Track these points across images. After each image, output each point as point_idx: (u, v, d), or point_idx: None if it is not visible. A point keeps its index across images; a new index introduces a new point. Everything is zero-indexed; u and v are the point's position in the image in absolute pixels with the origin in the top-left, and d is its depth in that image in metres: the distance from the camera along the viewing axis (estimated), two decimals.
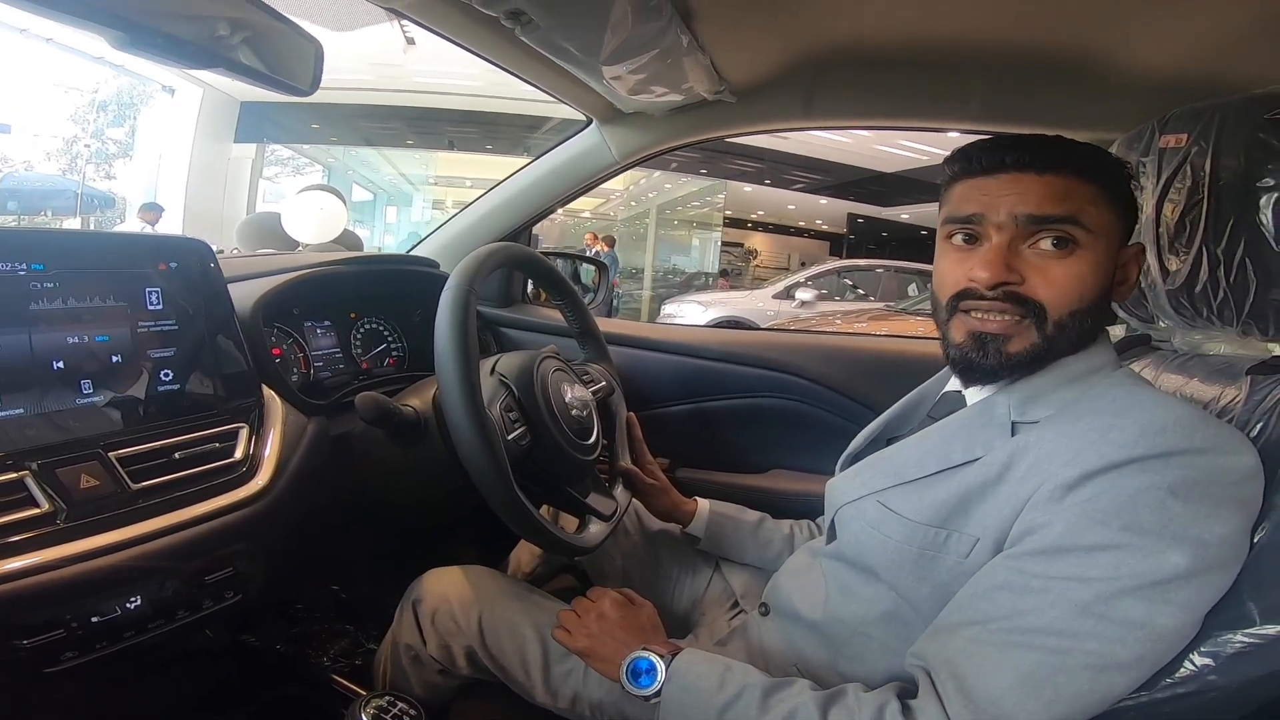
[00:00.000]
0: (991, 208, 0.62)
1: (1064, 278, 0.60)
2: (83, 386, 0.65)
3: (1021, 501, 0.57)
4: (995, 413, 0.64)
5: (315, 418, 0.88)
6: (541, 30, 0.86)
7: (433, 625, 0.86)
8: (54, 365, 0.64)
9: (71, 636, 0.60)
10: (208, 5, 0.61)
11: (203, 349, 0.76)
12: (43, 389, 0.62)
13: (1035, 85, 1.06)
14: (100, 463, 0.64)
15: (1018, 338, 0.62)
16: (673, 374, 1.38)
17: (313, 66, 0.72)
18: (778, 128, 1.28)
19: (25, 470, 0.59)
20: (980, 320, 0.63)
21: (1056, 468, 0.55)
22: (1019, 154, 0.62)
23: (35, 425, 0.61)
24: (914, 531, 0.63)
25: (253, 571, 0.76)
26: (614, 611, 0.77)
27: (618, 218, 13.58)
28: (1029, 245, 0.61)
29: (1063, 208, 0.60)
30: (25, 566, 0.56)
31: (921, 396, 0.83)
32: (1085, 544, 0.52)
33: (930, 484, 0.65)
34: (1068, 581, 0.52)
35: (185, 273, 0.76)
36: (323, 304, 1.10)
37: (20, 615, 0.57)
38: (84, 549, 0.59)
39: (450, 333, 0.73)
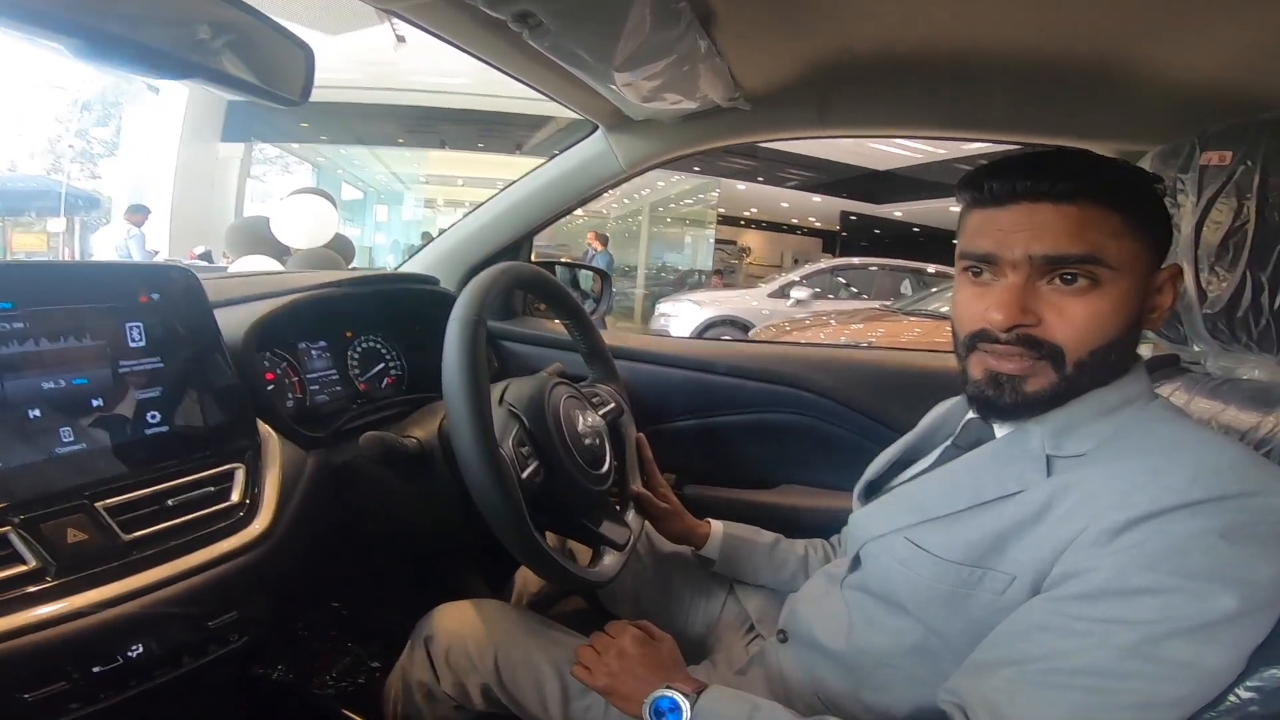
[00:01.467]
0: (1005, 246, 0.59)
1: (1083, 317, 0.57)
2: (62, 434, 0.61)
3: (1064, 543, 0.55)
4: (1028, 445, 0.61)
5: (315, 451, 0.84)
6: (552, 35, 0.81)
7: (446, 663, 0.84)
8: (29, 414, 0.59)
9: (75, 688, 0.58)
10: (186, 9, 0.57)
11: (192, 386, 0.72)
12: (19, 439, 0.58)
13: (1061, 94, 1.02)
14: (87, 514, 0.60)
15: (1035, 378, 0.59)
16: (680, 389, 1.36)
17: (303, 74, 0.68)
18: (790, 135, 1.25)
19: (7, 526, 0.56)
20: (998, 360, 0.61)
21: (1104, 509, 0.53)
22: (1033, 181, 0.58)
23: (14, 479, 0.57)
24: (946, 570, 0.61)
25: (258, 613, 0.73)
26: (634, 648, 0.74)
27: (610, 215, 13.54)
28: (1046, 282, 0.58)
29: (1081, 246, 0.56)
30: (18, 626, 0.54)
31: (943, 419, 0.81)
32: (1132, 588, 0.51)
33: (961, 520, 0.62)
34: (1112, 624, 0.51)
35: (169, 304, 0.72)
36: (317, 323, 1.06)
37: (18, 672, 0.55)
38: (78, 606, 0.57)
39: (460, 371, 0.69)
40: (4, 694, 0.55)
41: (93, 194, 10.26)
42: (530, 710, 0.79)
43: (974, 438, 0.69)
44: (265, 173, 12.06)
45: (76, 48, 0.50)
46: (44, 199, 9.23)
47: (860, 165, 10.95)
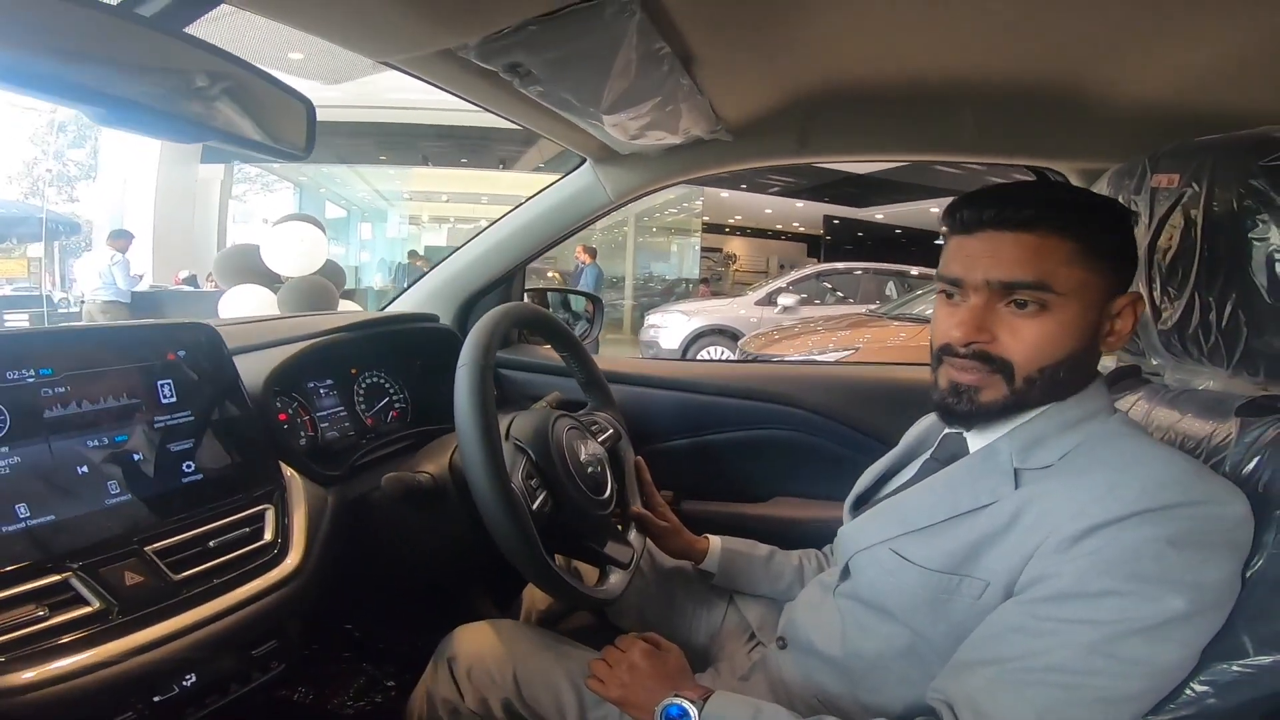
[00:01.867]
0: (969, 270, 0.65)
1: (1032, 337, 0.63)
2: (110, 487, 0.65)
3: (1030, 550, 0.60)
4: (998, 460, 0.67)
5: (333, 488, 0.88)
6: (541, 83, 0.86)
7: (469, 681, 0.87)
8: (78, 470, 0.64)
9: (140, 717, 0.62)
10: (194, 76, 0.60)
11: (220, 435, 0.77)
12: (70, 494, 0.63)
13: (1027, 117, 1.08)
14: (139, 558, 0.64)
15: (988, 389, 0.66)
16: (673, 410, 1.40)
17: (305, 127, 0.72)
18: (772, 162, 1.30)
19: (68, 571, 0.60)
20: (958, 372, 0.67)
21: (1063, 520, 0.59)
22: (996, 210, 0.64)
23: (70, 529, 0.62)
24: (928, 578, 0.67)
25: (293, 641, 0.77)
26: (643, 661, 0.78)
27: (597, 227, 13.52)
28: (1004, 304, 0.64)
29: (1032, 272, 0.62)
30: (91, 662, 0.58)
31: (925, 434, 0.86)
32: (1092, 591, 0.56)
33: (940, 531, 0.68)
34: (1077, 624, 0.56)
35: (194, 360, 0.77)
36: (324, 364, 1.10)
37: (92, 705, 0.59)
38: (141, 642, 0.61)
39: (472, 414, 0.74)
40: None
41: (72, 218, 10.14)
42: None
43: (950, 452, 0.75)
44: (246, 192, 11.99)
45: (99, 115, 0.54)
46: (24, 225, 9.10)
47: (840, 170, 11.06)
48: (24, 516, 0.59)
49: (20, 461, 0.60)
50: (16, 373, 0.62)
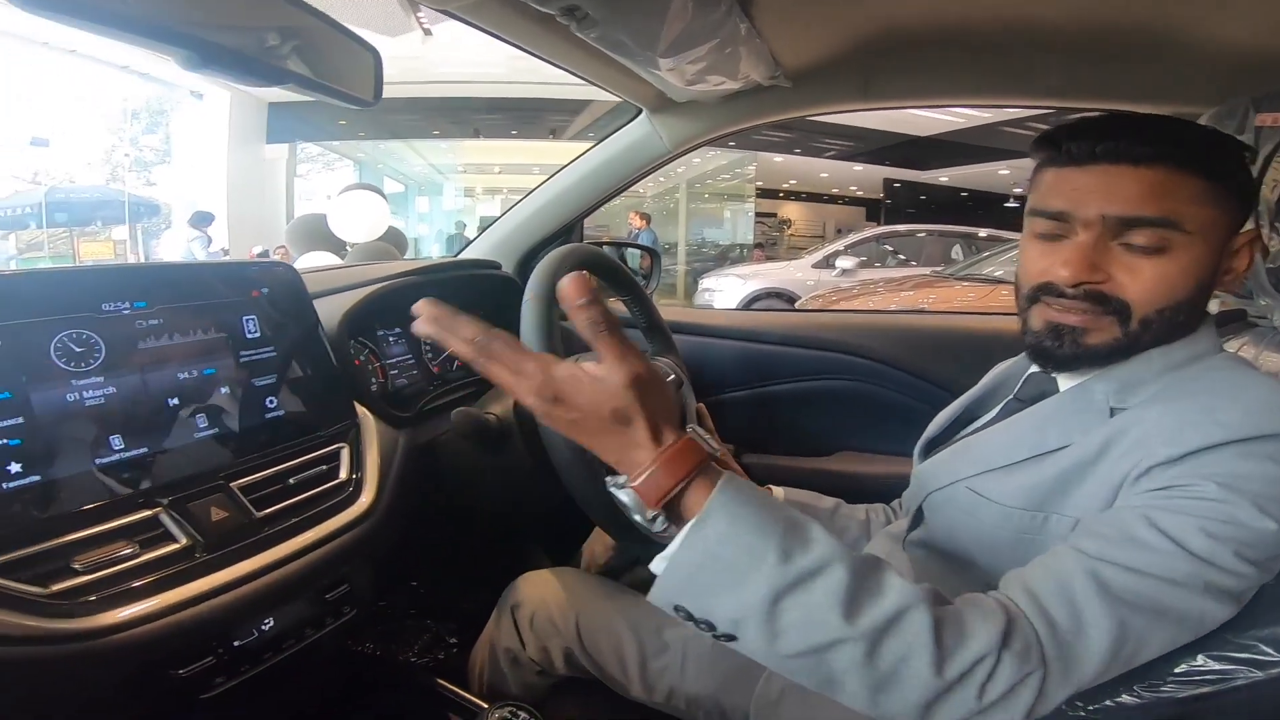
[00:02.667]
0: (1079, 205, 0.59)
1: (1154, 278, 0.57)
2: (198, 421, 0.67)
3: (1119, 479, 0.56)
4: (1093, 399, 0.62)
5: (404, 430, 0.90)
6: (598, 25, 0.83)
7: (531, 628, 0.89)
8: (169, 403, 0.66)
9: (220, 663, 0.63)
10: (270, 22, 0.61)
11: (299, 372, 0.78)
12: (162, 427, 0.64)
13: (1112, 57, 0.99)
14: (225, 494, 0.65)
15: (1097, 331, 0.60)
16: (734, 360, 1.38)
17: (373, 76, 0.72)
18: (833, 110, 1.24)
19: (159, 507, 0.61)
20: (1060, 312, 0.61)
21: (1157, 446, 0.54)
22: (1112, 143, 0.58)
23: (161, 462, 0.63)
24: (1009, 516, 0.62)
25: (364, 586, 0.79)
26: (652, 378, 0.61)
27: (648, 194, 13.46)
28: (1118, 242, 0.58)
29: (1158, 209, 0.56)
30: (178, 600, 0.58)
31: (1005, 376, 0.81)
32: (1181, 498, 0.51)
33: (1023, 469, 0.63)
34: (1169, 515, 0.50)
35: (275, 298, 0.78)
36: (393, 311, 1.11)
37: (176, 647, 0.59)
38: (225, 580, 0.61)
39: (539, 345, 0.74)
40: (162, 670, 0.60)
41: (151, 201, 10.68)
42: (610, 671, 0.84)
43: (1037, 391, 0.70)
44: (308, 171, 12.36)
45: (186, 59, 0.54)
46: (107, 208, 9.63)
47: (901, 133, 10.61)
48: (119, 448, 0.61)
49: (115, 392, 0.62)
50: (113, 304, 0.63)
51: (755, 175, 13.06)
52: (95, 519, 0.58)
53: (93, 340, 0.61)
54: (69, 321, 0.60)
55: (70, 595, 0.54)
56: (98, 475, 0.59)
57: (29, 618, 0.51)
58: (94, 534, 0.57)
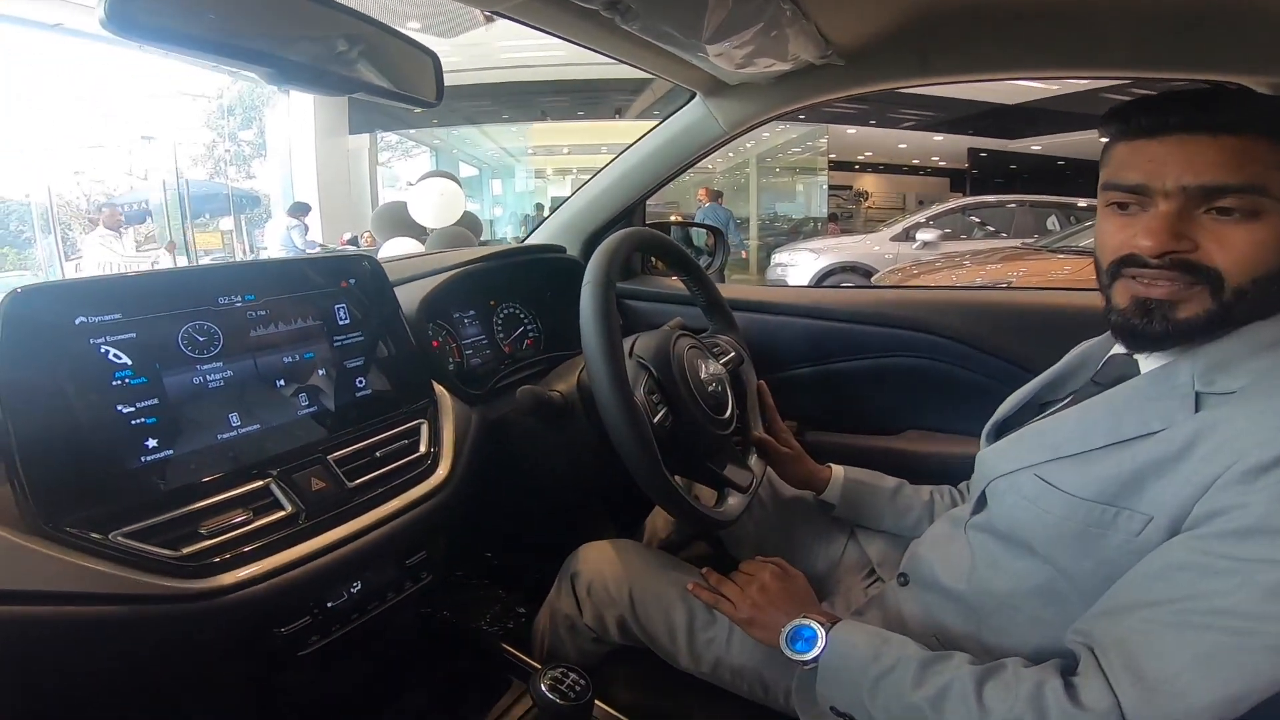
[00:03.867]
0: (1156, 176, 0.57)
1: (1245, 245, 0.55)
2: (300, 400, 0.75)
3: (1207, 481, 0.53)
4: (1177, 381, 0.59)
5: (477, 407, 0.96)
6: (641, 17, 0.85)
7: (589, 596, 0.93)
8: (277, 384, 0.73)
9: (315, 622, 0.69)
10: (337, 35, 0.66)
11: (384, 354, 0.85)
12: (271, 405, 0.72)
13: (1194, 24, 0.90)
14: (323, 466, 0.72)
15: (1188, 303, 0.58)
16: (798, 337, 1.37)
17: (434, 77, 0.78)
18: (892, 86, 1.20)
19: (269, 478, 0.68)
20: (1146, 286, 0.59)
21: (1249, 447, 0.51)
22: (1187, 113, 0.56)
23: (270, 437, 0.71)
24: (1077, 508, 0.61)
25: (440, 553, 0.85)
26: (774, 582, 0.80)
27: (716, 170, 13.26)
28: (1203, 212, 0.56)
29: (1242, 175, 0.54)
30: (284, 563, 0.64)
31: (1084, 358, 0.78)
32: (1279, 526, 0.49)
33: (1096, 458, 0.61)
34: (1258, 563, 0.49)
35: (363, 287, 0.85)
36: (467, 295, 1.19)
37: (280, 606, 0.65)
38: (323, 544, 0.67)
39: (596, 330, 0.77)
40: (267, 627, 0.65)
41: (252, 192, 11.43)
42: (660, 641, 0.87)
43: (1117, 374, 0.67)
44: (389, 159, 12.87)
45: (268, 75, 0.61)
46: (213, 201, 10.36)
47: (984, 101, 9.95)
48: (236, 425, 0.69)
49: (232, 375, 0.69)
50: (227, 298, 0.71)
51: (827, 148, 12.60)
52: (217, 488, 0.64)
53: (212, 330, 0.69)
54: (192, 314, 0.68)
55: (198, 558, 0.60)
56: (219, 450, 0.67)
57: (165, 578, 0.57)
58: (216, 502, 0.63)
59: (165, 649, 0.61)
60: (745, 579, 0.82)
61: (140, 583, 0.56)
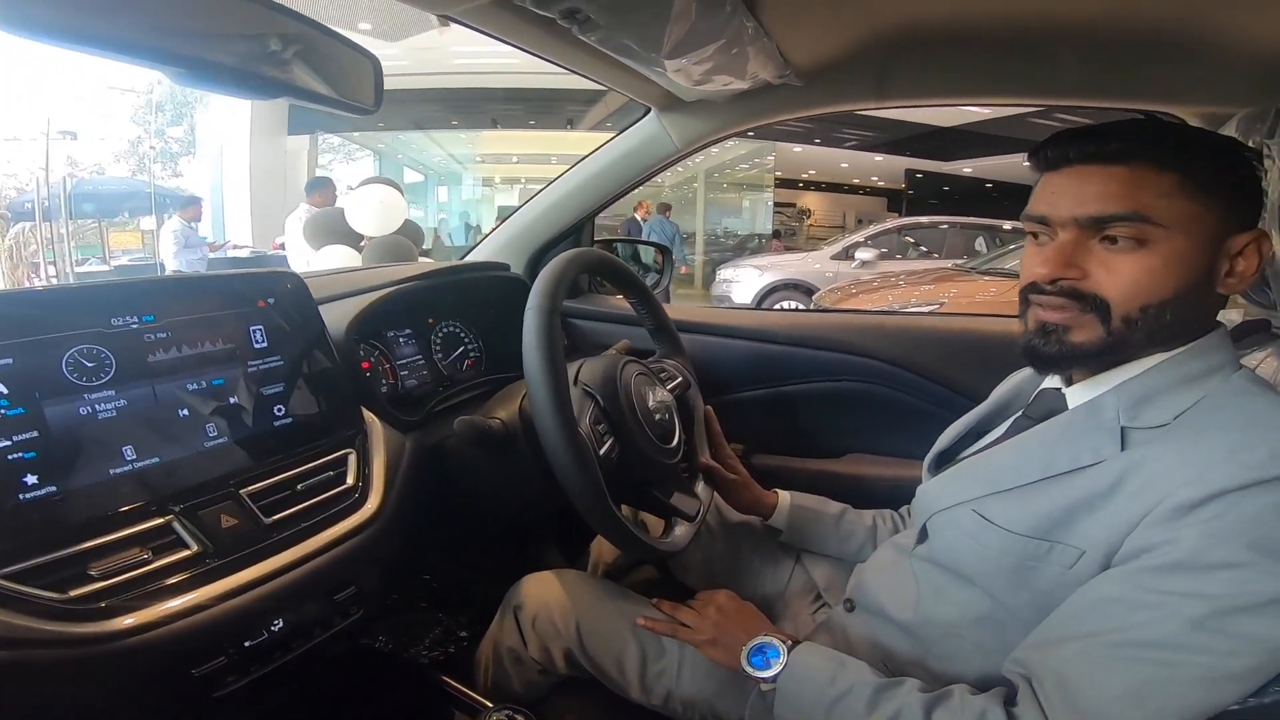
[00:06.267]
0: (1054, 207, 0.61)
1: (1131, 273, 0.58)
2: (208, 430, 0.69)
3: (1136, 517, 0.55)
4: (1103, 416, 0.61)
5: (411, 434, 0.91)
6: (600, 28, 0.83)
7: (533, 629, 0.90)
8: (179, 413, 0.67)
9: (231, 662, 0.65)
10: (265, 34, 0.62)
11: (307, 379, 0.79)
12: (173, 436, 0.66)
13: (1137, 56, 0.96)
14: (235, 501, 0.67)
15: (1080, 329, 0.61)
16: (744, 360, 1.37)
17: (373, 82, 0.74)
18: (847, 108, 1.22)
19: (171, 514, 0.63)
20: (1045, 310, 0.63)
21: (1177, 486, 0.53)
22: (1084, 145, 0.59)
23: (172, 471, 0.65)
24: (1013, 543, 0.62)
25: (372, 587, 0.80)
26: (731, 604, 0.80)
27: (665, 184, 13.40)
28: (1097, 240, 0.59)
29: (1126, 205, 0.57)
30: (189, 605, 0.60)
31: (1016, 390, 0.81)
32: (1206, 562, 0.51)
33: (1030, 493, 0.63)
34: (1185, 597, 0.51)
35: (282, 307, 0.79)
36: (403, 313, 1.13)
37: (188, 648, 0.61)
38: (235, 585, 0.63)
39: (539, 356, 0.73)
40: (176, 670, 0.62)
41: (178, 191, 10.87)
42: (609, 673, 0.85)
43: (1047, 408, 0.69)
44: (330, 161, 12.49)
45: (178, 75, 0.56)
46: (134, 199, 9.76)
47: (923, 123, 10.44)
48: (131, 458, 0.63)
49: (126, 405, 0.63)
50: (122, 319, 0.65)
51: (774, 165, 12.98)
52: (109, 527, 0.59)
53: (103, 355, 0.63)
54: (79, 337, 0.62)
55: (87, 600, 0.56)
56: (111, 485, 0.61)
57: (48, 622, 0.53)
58: (108, 541, 0.59)
59: (65, 695, 0.57)
60: (701, 603, 0.82)
61: (22, 627, 0.52)
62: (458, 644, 1.06)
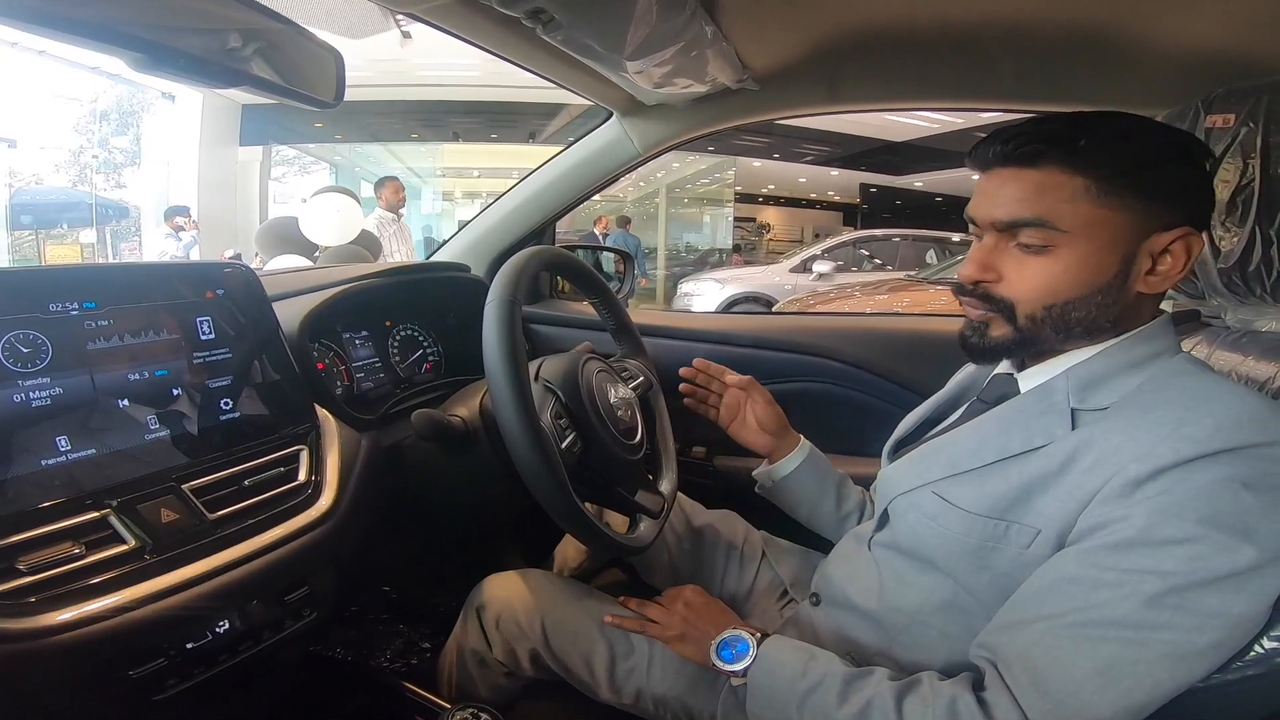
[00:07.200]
0: (977, 210, 0.64)
1: (1034, 277, 0.61)
2: (149, 422, 0.66)
3: (1088, 495, 0.56)
4: (1053, 399, 0.63)
5: (367, 433, 0.89)
6: (564, 29, 0.84)
7: (497, 630, 0.88)
8: (119, 404, 0.64)
9: (172, 664, 0.63)
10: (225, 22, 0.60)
11: (257, 375, 0.77)
12: (111, 428, 0.63)
13: (1069, 61, 1.02)
14: (177, 496, 0.65)
15: (994, 326, 0.65)
16: None
17: (335, 77, 0.73)
18: (802, 113, 1.26)
19: (107, 508, 0.60)
20: (968, 309, 0.67)
21: (1126, 462, 0.55)
22: (1004, 147, 0.61)
23: (109, 464, 0.62)
24: (973, 523, 0.63)
25: (326, 588, 0.77)
26: (698, 599, 0.80)
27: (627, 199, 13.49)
28: (1013, 243, 0.62)
29: (1031, 210, 0.59)
30: (125, 602, 0.57)
31: (971, 379, 0.83)
32: (1159, 538, 0.52)
33: (988, 474, 0.64)
34: (1142, 574, 0.52)
35: (232, 299, 0.77)
36: (359, 314, 1.11)
37: (125, 648, 0.59)
38: (175, 581, 0.61)
39: (500, 349, 0.73)
40: (112, 671, 0.59)
41: (120, 203, 10.44)
42: (577, 673, 0.84)
43: (1000, 393, 0.71)
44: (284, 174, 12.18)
45: (135, 60, 0.54)
46: (73, 210, 9.37)
47: (876, 138, 10.79)
48: (64, 449, 0.60)
49: (62, 393, 0.61)
50: (60, 305, 0.62)
51: (734, 180, 13.18)
52: (40, 520, 0.57)
53: (39, 340, 0.60)
54: (15, 322, 0.59)
55: (14, 596, 0.53)
56: (43, 477, 0.58)
57: None
58: (39, 535, 0.56)
59: None
60: (669, 599, 0.82)
61: None
62: (420, 655, 1.04)
